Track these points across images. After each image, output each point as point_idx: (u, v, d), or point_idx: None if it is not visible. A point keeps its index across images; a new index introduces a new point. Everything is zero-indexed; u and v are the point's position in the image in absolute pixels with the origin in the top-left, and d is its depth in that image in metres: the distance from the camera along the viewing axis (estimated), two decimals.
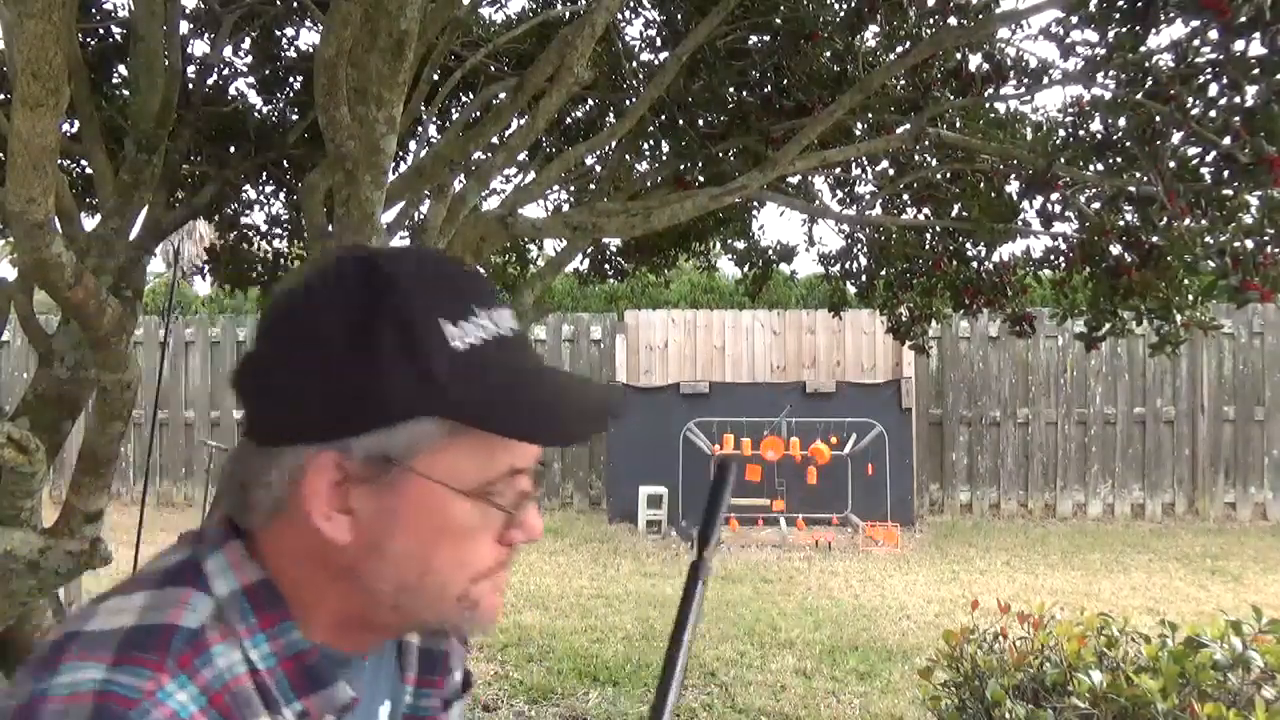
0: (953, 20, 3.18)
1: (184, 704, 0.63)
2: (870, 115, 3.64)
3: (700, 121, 3.70)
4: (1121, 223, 2.99)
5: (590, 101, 4.14)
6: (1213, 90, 2.30)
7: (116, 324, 2.06)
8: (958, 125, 3.56)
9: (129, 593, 0.70)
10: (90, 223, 3.01)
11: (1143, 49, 2.34)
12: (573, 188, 4.67)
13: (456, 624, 0.75)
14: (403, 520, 0.71)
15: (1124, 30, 2.33)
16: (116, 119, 3.19)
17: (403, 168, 3.83)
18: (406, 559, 0.71)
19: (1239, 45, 2.15)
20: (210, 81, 3.50)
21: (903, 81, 3.48)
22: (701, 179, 3.78)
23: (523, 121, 3.08)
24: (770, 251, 4.58)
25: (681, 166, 3.69)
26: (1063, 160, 2.74)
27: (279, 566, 0.73)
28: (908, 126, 3.26)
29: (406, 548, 0.71)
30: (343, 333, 0.68)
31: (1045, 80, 3.14)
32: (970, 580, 6.62)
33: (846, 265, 4.45)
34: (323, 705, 0.71)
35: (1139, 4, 2.28)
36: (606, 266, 5.17)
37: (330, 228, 2.53)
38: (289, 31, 3.78)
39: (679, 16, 3.58)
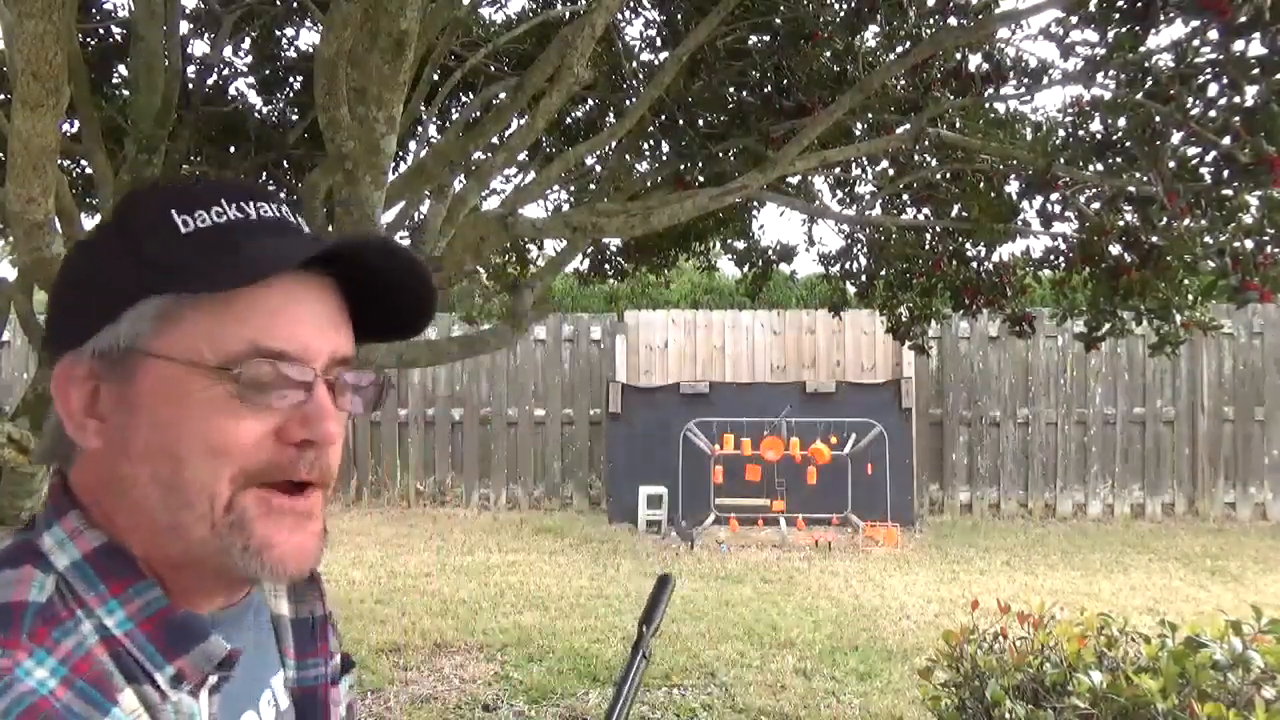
0: (953, 20, 3.18)
1: (43, 680, 0.59)
2: (870, 115, 3.64)
3: (700, 121, 3.70)
4: (1121, 223, 2.99)
5: (590, 101, 4.14)
6: (1213, 90, 2.30)
7: None
8: (958, 125, 3.56)
9: None
10: (90, 223, 3.01)
11: (1143, 49, 2.34)
12: (573, 188, 4.67)
13: (234, 553, 0.67)
14: (142, 407, 0.67)
15: (1124, 30, 2.33)
16: (116, 119, 3.19)
17: (403, 168, 3.83)
18: (155, 451, 0.66)
19: (1239, 45, 2.15)
20: (210, 81, 3.51)
21: (903, 81, 3.48)
22: (701, 179, 3.78)
23: (523, 121, 3.08)
24: (770, 251, 4.59)
25: (681, 166, 3.69)
26: (1063, 160, 2.74)
27: (100, 514, 0.68)
28: (908, 126, 3.26)
29: (152, 437, 0.67)
30: (82, 248, 0.73)
31: (1045, 80, 3.14)
32: (970, 580, 6.62)
33: (846, 265, 4.46)
34: (198, 662, 0.66)
35: (1139, 4, 2.28)
36: (606, 266, 5.18)
37: (330, 228, 2.53)
38: (289, 31, 3.79)
39: (679, 16, 3.58)
